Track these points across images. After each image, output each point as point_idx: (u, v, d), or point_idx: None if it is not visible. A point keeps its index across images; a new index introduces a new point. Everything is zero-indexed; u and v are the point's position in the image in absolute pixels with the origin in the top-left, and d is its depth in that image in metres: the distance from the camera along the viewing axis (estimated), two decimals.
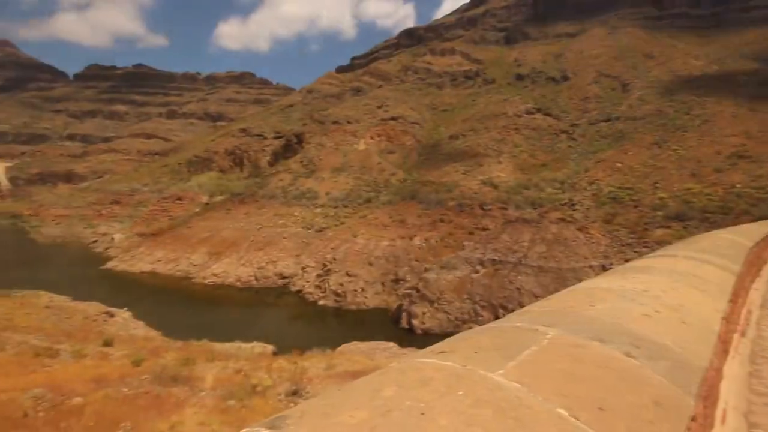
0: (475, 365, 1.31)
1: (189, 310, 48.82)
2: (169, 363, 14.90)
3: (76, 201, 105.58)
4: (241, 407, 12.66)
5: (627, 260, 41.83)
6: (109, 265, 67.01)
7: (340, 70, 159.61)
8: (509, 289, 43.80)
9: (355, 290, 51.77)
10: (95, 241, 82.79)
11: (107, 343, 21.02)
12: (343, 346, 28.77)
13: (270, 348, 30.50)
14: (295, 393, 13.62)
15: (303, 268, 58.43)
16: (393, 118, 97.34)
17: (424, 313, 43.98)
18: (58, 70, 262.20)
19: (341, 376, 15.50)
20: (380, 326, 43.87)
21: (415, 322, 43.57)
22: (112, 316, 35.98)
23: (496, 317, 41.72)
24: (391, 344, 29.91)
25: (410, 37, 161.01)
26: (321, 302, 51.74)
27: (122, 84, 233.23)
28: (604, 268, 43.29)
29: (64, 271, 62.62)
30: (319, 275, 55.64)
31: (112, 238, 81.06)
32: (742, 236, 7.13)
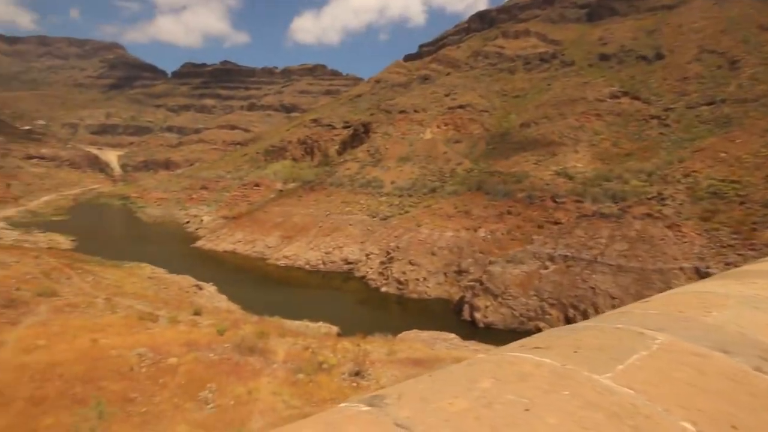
0: (577, 365, 1.25)
1: (263, 287, 52.93)
2: (247, 335, 16.39)
3: (173, 186, 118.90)
4: (308, 381, 13.58)
5: (728, 263, 36.79)
6: (198, 243, 74.78)
7: (408, 58, 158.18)
8: (582, 288, 40.91)
9: (417, 279, 52.05)
10: (187, 222, 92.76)
11: (197, 313, 23.66)
12: (404, 333, 29.28)
13: (335, 329, 32.07)
14: (357, 374, 14.23)
15: (367, 255, 60.03)
16: (461, 107, 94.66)
17: (487, 307, 42.93)
18: (158, 68, 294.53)
19: (403, 362, 15.83)
20: (441, 316, 43.76)
21: (477, 315, 42.75)
22: (200, 288, 40.34)
23: (566, 317, 39.40)
24: (452, 335, 29.75)
25: (482, 21, 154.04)
26: (383, 289, 52.90)
27: (211, 80, 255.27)
28: (698, 271, 38.53)
29: (162, 246, 71.26)
30: (382, 262, 56.81)
31: (201, 220, 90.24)
32: None
